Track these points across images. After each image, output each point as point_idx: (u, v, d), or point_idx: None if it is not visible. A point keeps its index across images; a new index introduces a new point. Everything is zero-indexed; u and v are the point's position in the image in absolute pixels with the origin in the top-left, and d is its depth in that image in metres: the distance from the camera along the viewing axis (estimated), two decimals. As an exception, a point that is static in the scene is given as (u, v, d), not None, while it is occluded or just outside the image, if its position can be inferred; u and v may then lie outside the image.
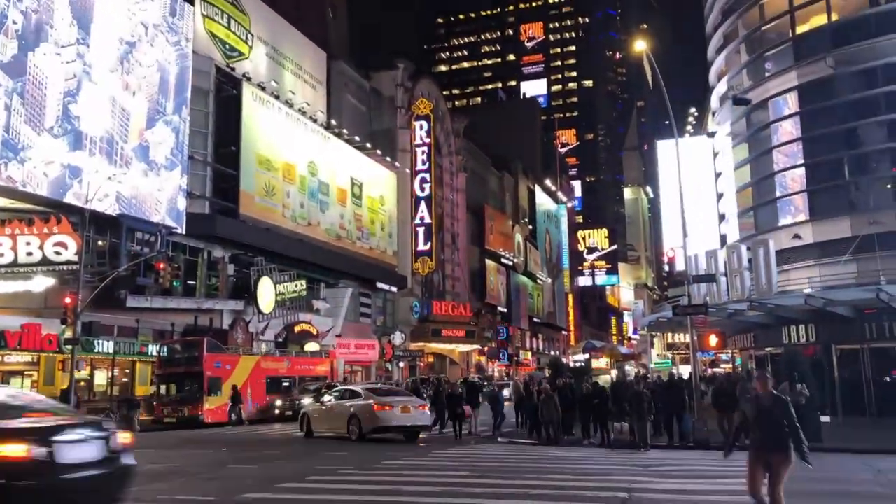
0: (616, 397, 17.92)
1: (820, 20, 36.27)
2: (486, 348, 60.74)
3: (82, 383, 28.66)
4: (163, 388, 27.18)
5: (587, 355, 66.88)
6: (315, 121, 42.23)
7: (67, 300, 24.21)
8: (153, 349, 29.58)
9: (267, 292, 35.31)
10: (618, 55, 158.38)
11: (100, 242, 28.55)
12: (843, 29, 34.97)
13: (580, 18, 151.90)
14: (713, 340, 31.91)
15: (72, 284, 25.21)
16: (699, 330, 25.24)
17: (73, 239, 25.72)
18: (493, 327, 63.02)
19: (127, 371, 31.19)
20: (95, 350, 28.01)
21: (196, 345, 26.89)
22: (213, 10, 35.74)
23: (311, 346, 37.31)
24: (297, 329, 37.46)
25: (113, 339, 28.96)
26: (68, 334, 24.82)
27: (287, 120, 39.25)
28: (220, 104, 34.89)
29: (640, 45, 25.17)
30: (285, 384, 30.32)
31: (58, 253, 25.61)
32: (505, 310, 67.63)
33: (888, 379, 26.49)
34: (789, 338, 29.78)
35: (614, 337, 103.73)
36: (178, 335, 30.75)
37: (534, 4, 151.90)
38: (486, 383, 35.53)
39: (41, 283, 25.48)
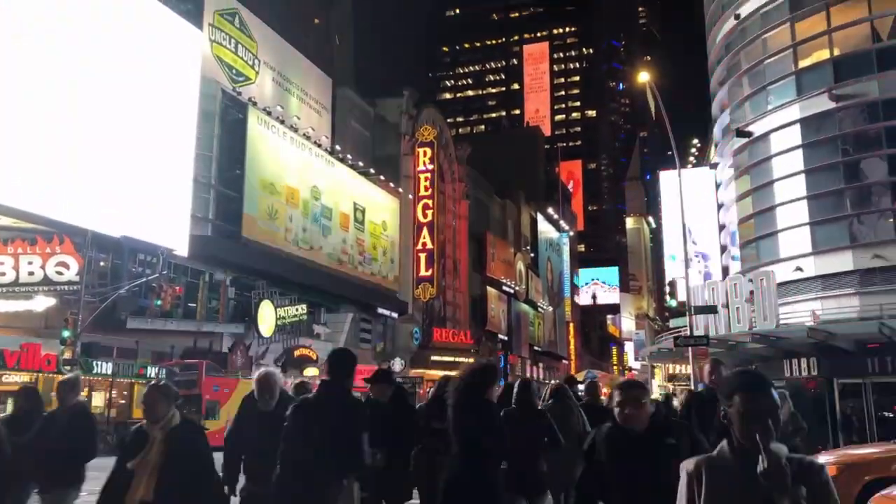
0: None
1: (822, 55, 36.61)
2: (486, 376, 60.28)
3: (79, 404, 28.50)
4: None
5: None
6: (319, 146, 42.48)
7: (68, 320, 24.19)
8: (152, 371, 29.45)
9: (267, 316, 35.26)
10: (621, 86, 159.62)
11: (101, 263, 28.63)
12: (844, 64, 35.27)
13: (584, 49, 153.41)
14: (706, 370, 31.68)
15: (72, 305, 25.22)
16: (700, 361, 25.15)
17: (75, 259, 25.78)
18: (493, 355, 62.74)
19: (125, 393, 31.05)
20: (94, 371, 27.88)
21: (195, 368, 26.82)
22: (221, 36, 36.14)
23: (310, 371, 37.12)
24: (296, 353, 37.32)
25: (112, 361, 28.86)
26: (67, 355, 24.77)
27: (291, 144, 39.49)
28: (225, 128, 35.14)
29: (644, 77, 25.43)
30: (284, 409, 30.08)
31: (59, 273, 25.64)
32: (506, 338, 67.41)
33: (890, 414, 26.31)
34: (791, 371, 29.64)
35: (615, 367, 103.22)
36: (177, 357, 30.65)
37: (538, 34, 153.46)
38: None
39: (42, 302, 25.46)
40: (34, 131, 25.39)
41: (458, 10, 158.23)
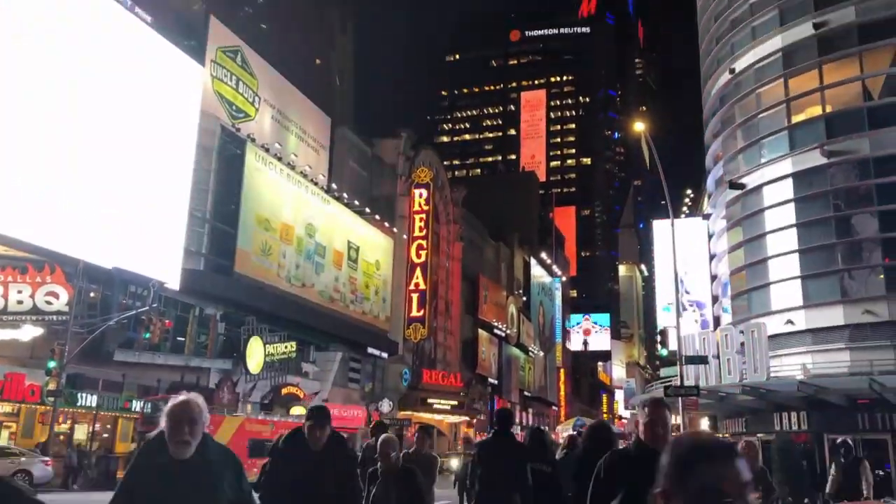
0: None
1: (815, 111, 37.21)
2: (474, 420, 59.84)
3: (61, 437, 28.09)
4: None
5: (576, 433, 65.84)
6: (316, 184, 42.66)
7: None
8: (137, 405, 29.08)
9: (256, 352, 34.98)
10: (616, 135, 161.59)
11: (92, 294, 28.45)
12: (836, 120, 35.84)
13: (581, 98, 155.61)
14: (704, 423, 31.59)
15: (60, 335, 24.98)
16: (690, 412, 25.00)
17: (65, 289, 25.62)
18: (483, 399, 62.24)
19: (108, 426, 30.61)
20: (78, 403, 27.52)
21: (180, 403, 26.43)
22: (222, 72, 36.53)
23: (296, 410, 36.71)
24: (284, 391, 36.93)
25: (97, 393, 28.49)
26: (52, 386, 24.46)
27: (288, 182, 39.65)
28: (223, 163, 35.29)
29: (639, 126, 25.76)
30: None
31: (49, 302, 25.45)
32: (496, 381, 66.95)
33: (881, 472, 26.08)
34: (781, 424, 29.46)
35: (605, 415, 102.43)
36: (163, 392, 30.26)
37: (536, 82, 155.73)
38: None
39: (29, 332, 25.24)
40: (30, 159, 25.46)
41: (458, 56, 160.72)
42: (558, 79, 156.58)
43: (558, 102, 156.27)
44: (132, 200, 28.92)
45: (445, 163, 72.29)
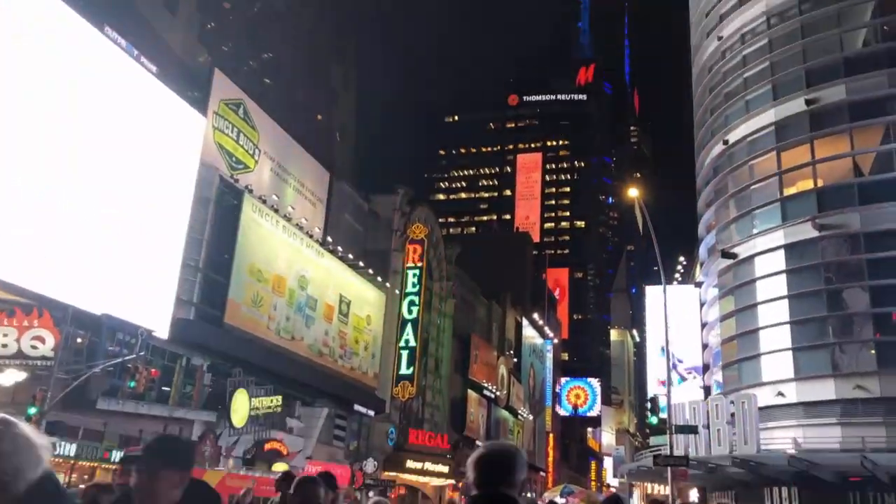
0: None
1: (806, 184, 37.80)
2: (461, 484, 58.69)
3: (36, 486, 27.35)
4: (120, 498, 25.91)
5: (564, 500, 64.66)
6: (311, 236, 42.74)
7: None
8: (117, 455, 28.46)
9: (241, 405, 34.45)
10: (610, 199, 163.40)
11: (79, 340, 28.11)
12: (828, 194, 36.37)
13: (576, 162, 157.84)
14: (693, 495, 31.08)
15: (43, 380, 24.58)
16: (679, 483, 24.61)
17: (51, 334, 25.33)
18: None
19: (86, 477, 29.85)
20: (56, 452, 26.88)
21: (161, 455, 25.89)
22: (224, 124, 36.96)
23: (279, 466, 35.99)
24: (267, 447, 36.23)
25: (76, 442, 27.89)
26: (30, 432, 23.90)
27: (283, 233, 39.73)
28: (219, 213, 35.38)
29: (633, 193, 26.05)
30: (248, 504, 28.97)
31: (34, 347, 25.12)
32: (483, 444, 65.86)
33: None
34: (771, 500, 29.01)
35: (593, 482, 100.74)
36: (144, 443, 29.67)
37: (533, 145, 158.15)
38: None
39: (11, 376, 24.82)
40: (23, 202, 25.50)
41: (456, 117, 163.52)
42: (554, 143, 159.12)
43: (554, 166, 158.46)
44: (126, 246, 28.88)
45: (441, 220, 72.75)
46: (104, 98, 28.82)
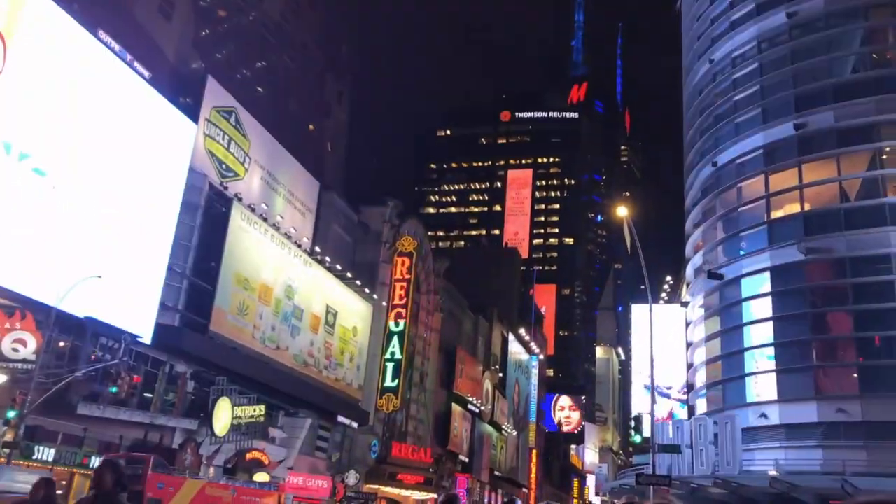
0: None
1: (793, 208, 38.12)
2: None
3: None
4: (97, 505, 25.60)
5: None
6: (299, 246, 42.65)
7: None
8: (96, 462, 28.15)
9: (224, 414, 34.20)
10: (599, 217, 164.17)
11: (61, 343, 27.87)
12: (814, 219, 36.70)
13: (566, 179, 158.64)
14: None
15: (24, 384, 24.33)
16: (662, 502, 24.60)
17: (34, 337, 25.11)
18: (452, 476, 60.87)
19: (63, 482, 29.51)
20: (34, 457, 26.59)
21: (141, 462, 25.63)
22: (215, 131, 36.93)
23: (260, 476, 35.72)
24: (248, 456, 35.96)
25: (55, 447, 27.58)
26: (9, 437, 23.67)
27: (271, 242, 39.63)
28: (207, 220, 35.26)
29: (622, 212, 26.18)
30: (228, 515, 28.70)
31: (15, 350, 24.89)
32: (467, 459, 65.65)
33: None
34: (753, 521, 29.03)
35: (575, 500, 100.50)
36: (124, 449, 29.38)
37: (524, 161, 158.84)
38: None
39: (-8, 378, 24.56)
40: (11, 204, 25.35)
41: (448, 131, 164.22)
42: (545, 160, 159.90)
43: (544, 182, 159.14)
44: (111, 250, 28.73)
45: (430, 234, 72.76)
46: (92, 102, 28.75)
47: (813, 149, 37.68)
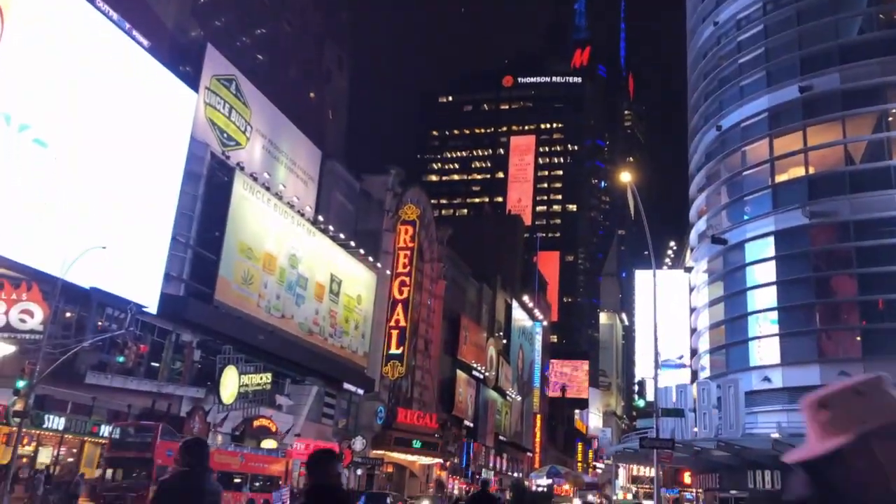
0: None
1: (798, 171, 37.87)
2: (448, 463, 59.14)
3: (24, 460, 27.41)
4: (109, 472, 25.99)
5: (550, 480, 65.28)
6: (302, 215, 42.64)
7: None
8: (105, 430, 28.49)
9: (230, 382, 34.53)
10: (603, 184, 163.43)
11: (67, 314, 28.05)
12: (819, 182, 36.46)
13: (569, 145, 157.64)
14: (687, 478, 31.45)
15: (32, 354, 24.53)
16: (665, 465, 24.88)
17: (40, 308, 25.28)
18: (457, 441, 61.57)
19: (74, 451, 29.94)
20: (44, 426, 26.91)
21: (150, 430, 25.94)
22: (216, 100, 36.70)
23: (267, 443, 36.15)
24: (255, 424, 36.35)
25: (65, 416, 27.91)
26: (19, 406, 23.92)
27: (274, 211, 39.61)
28: (210, 189, 35.23)
29: (625, 177, 26.06)
30: (237, 481, 29.15)
31: (22, 321, 25.08)
32: (471, 424, 66.32)
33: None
34: (755, 482, 29.34)
35: (579, 464, 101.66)
36: (133, 418, 29.72)
37: (526, 127, 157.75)
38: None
39: (0, 350, 24.77)
40: (10, 174, 25.32)
41: (450, 98, 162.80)
42: (548, 126, 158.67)
43: (547, 149, 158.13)
44: (115, 220, 28.75)
45: (433, 202, 72.60)
46: (91, 73, 28.54)
47: (818, 111, 37.33)
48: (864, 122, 36.64)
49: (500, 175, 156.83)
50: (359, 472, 47.86)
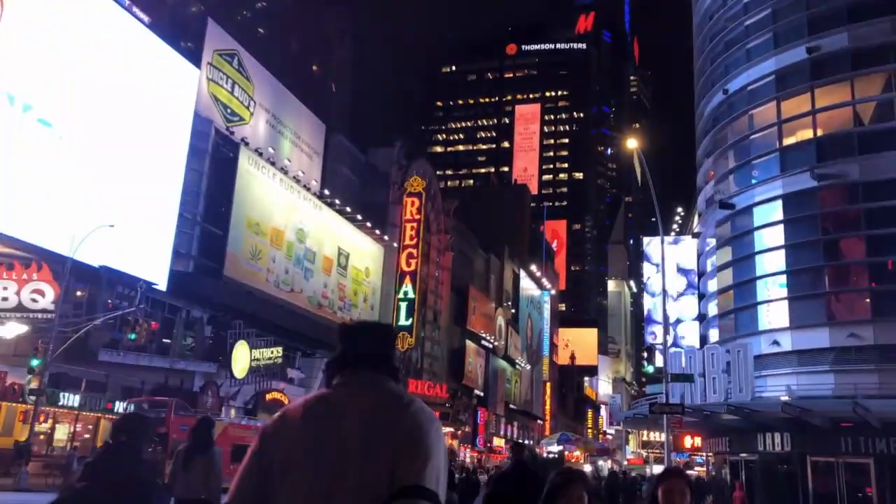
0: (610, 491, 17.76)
1: (806, 134, 37.49)
2: (459, 432, 59.69)
3: (42, 437, 27.84)
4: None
5: (561, 447, 65.85)
6: (308, 189, 42.63)
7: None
8: (120, 406, 28.84)
9: (242, 357, 34.83)
10: (609, 151, 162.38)
11: (78, 293, 28.27)
12: (827, 144, 36.11)
13: (575, 113, 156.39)
14: (688, 442, 31.63)
15: (44, 333, 24.79)
16: (674, 430, 25.05)
17: (51, 287, 25.47)
18: (468, 410, 62.09)
19: (90, 427, 30.36)
20: (60, 403, 27.28)
21: (164, 406, 26.24)
22: (218, 75, 36.53)
23: (281, 416, 36.48)
24: (268, 397, 36.73)
25: (80, 393, 28.27)
26: (34, 384, 24.24)
27: (280, 186, 39.62)
28: (215, 166, 35.23)
29: (632, 144, 25.89)
30: (251, 453, 29.52)
31: (34, 300, 25.30)
32: (482, 393, 66.81)
33: (862, 495, 26.20)
34: (764, 445, 29.51)
35: (589, 430, 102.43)
36: (147, 394, 30.07)
37: (531, 96, 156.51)
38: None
39: (13, 329, 25.04)
40: (18, 155, 25.35)
41: (454, 67, 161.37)
42: (553, 93, 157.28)
43: (552, 117, 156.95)
44: (122, 199, 28.82)
45: (438, 173, 72.39)
46: (93, 50, 28.41)
47: (826, 73, 36.84)
48: (874, 82, 36.17)
49: (506, 144, 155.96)
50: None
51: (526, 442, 78.92)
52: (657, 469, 42.60)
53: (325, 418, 2.18)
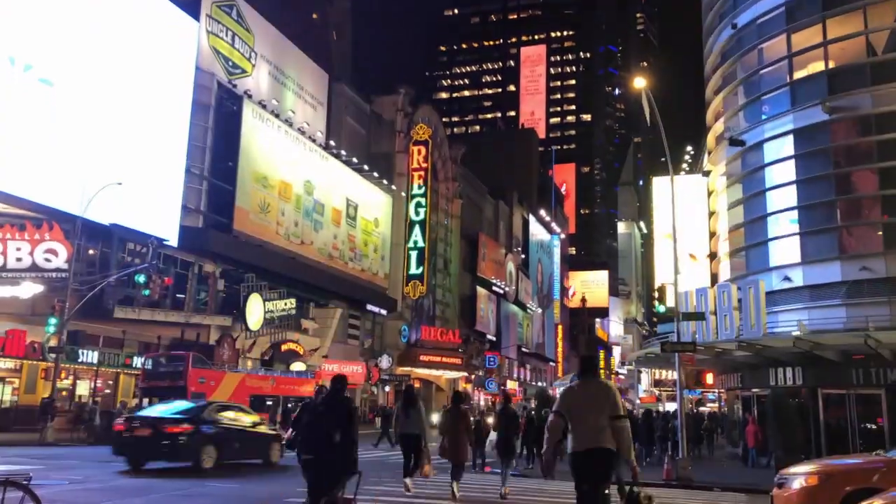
0: None
1: (817, 66, 36.74)
2: (473, 376, 60.49)
3: (64, 393, 28.42)
4: (145, 401, 26.88)
5: (574, 388, 66.57)
6: (314, 141, 42.38)
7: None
8: (138, 361, 29.35)
9: (256, 309, 35.20)
10: (617, 91, 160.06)
11: (90, 251, 28.49)
12: (839, 76, 35.41)
13: (581, 53, 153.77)
14: (710, 378, 31.99)
15: (60, 292, 25.09)
16: (686, 367, 25.28)
17: (64, 246, 25.67)
18: (481, 355, 62.80)
19: (110, 382, 30.97)
20: (79, 360, 27.77)
21: (181, 359, 26.66)
22: (217, 27, 36.01)
23: (297, 366, 37.10)
24: (284, 348, 37.25)
25: (98, 350, 28.74)
26: (53, 342, 24.64)
27: (286, 138, 39.39)
28: (219, 120, 35.01)
29: (640, 83, 25.41)
30: (269, 403, 30.07)
31: (48, 260, 25.53)
32: (494, 338, 67.48)
33: (873, 426, 26.48)
34: (776, 380, 29.78)
35: (602, 371, 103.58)
36: (164, 348, 30.54)
37: (536, 37, 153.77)
38: None
39: (29, 289, 25.33)
40: (26, 116, 25.27)
41: (456, 10, 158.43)
42: (559, 34, 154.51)
43: (558, 58, 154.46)
44: (128, 156, 28.78)
45: (444, 119, 71.69)
46: (89, 7, 28.02)
47: (837, 2, 35.89)
48: (887, 9, 35.21)
49: (512, 88, 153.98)
50: (387, 388, 49.14)
51: (539, 384, 79.95)
52: (670, 406, 43.14)
53: (584, 389, 6.35)
